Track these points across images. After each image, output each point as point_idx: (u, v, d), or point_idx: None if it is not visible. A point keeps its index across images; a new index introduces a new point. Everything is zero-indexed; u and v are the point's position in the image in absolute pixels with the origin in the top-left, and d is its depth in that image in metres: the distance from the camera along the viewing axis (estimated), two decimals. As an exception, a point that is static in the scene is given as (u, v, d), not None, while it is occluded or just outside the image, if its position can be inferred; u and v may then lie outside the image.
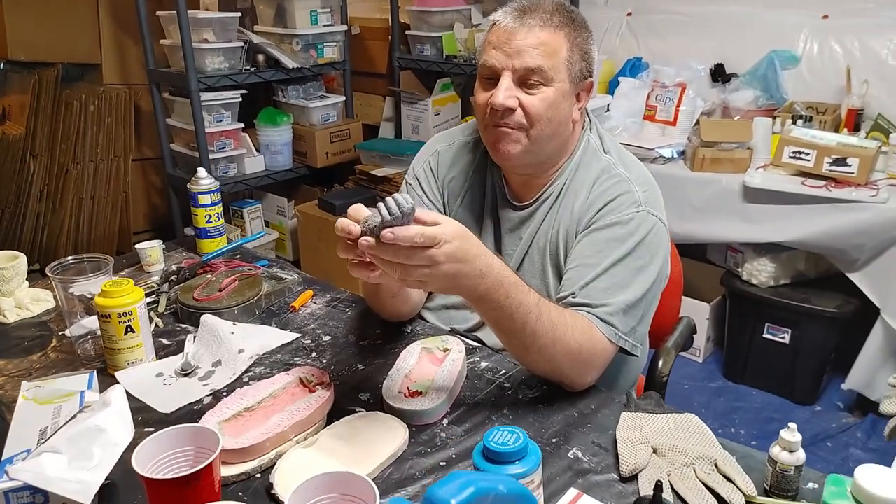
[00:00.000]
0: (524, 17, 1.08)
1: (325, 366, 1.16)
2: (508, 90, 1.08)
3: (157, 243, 1.52)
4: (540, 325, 0.99)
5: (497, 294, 0.94)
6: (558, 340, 1.01)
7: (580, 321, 1.04)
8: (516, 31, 1.07)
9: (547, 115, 1.09)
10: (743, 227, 2.22)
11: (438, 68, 3.19)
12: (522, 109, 1.09)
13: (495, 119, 1.10)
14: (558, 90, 1.09)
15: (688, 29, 2.86)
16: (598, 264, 1.09)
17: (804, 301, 2.24)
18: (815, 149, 2.12)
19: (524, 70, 1.07)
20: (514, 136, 1.10)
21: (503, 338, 1.03)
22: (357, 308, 1.35)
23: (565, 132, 1.15)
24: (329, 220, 2.97)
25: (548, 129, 1.11)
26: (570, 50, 1.09)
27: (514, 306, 0.96)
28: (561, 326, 1.01)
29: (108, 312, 1.08)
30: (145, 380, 1.10)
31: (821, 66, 2.60)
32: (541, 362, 1.04)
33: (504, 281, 0.95)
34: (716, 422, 2.28)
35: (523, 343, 1.01)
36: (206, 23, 2.83)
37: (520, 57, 1.07)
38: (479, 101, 1.12)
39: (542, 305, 1.00)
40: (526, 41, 1.06)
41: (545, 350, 1.01)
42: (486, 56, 1.10)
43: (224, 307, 1.28)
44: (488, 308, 0.96)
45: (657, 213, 1.14)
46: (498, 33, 1.09)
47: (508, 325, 0.98)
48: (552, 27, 1.08)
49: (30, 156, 3.05)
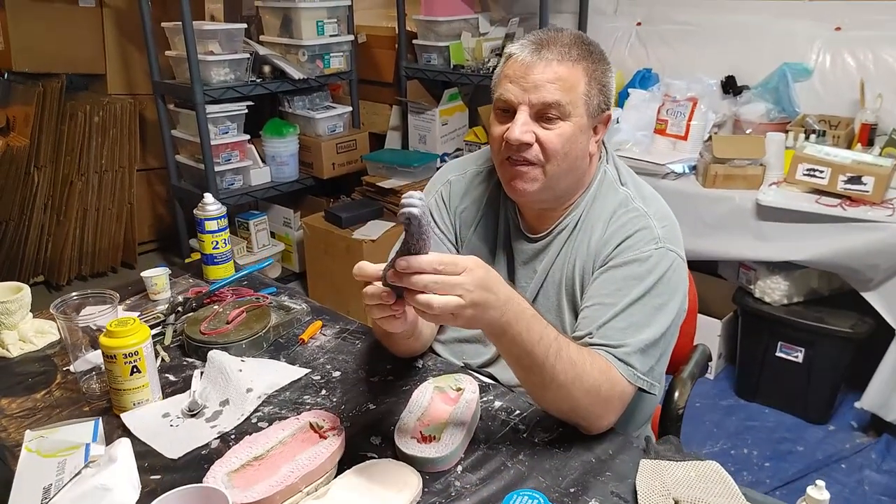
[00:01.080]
0: (541, 51, 1.05)
1: (336, 405, 1.13)
2: (525, 125, 1.05)
3: (164, 271, 1.49)
4: (559, 361, 0.96)
5: (518, 326, 0.92)
6: (577, 378, 0.98)
7: (599, 360, 1.02)
8: (533, 66, 1.04)
9: (563, 151, 1.07)
10: (756, 245, 2.19)
11: (446, 78, 3.16)
12: (539, 144, 1.06)
13: (511, 153, 1.07)
14: (576, 125, 1.07)
15: (698, 39, 2.82)
16: (615, 303, 1.06)
17: (818, 320, 2.21)
18: (829, 166, 2.09)
19: (541, 105, 1.04)
20: (532, 175, 1.08)
21: (521, 374, 1.01)
22: (367, 340, 1.32)
23: (582, 166, 1.13)
24: (335, 233, 2.94)
25: (564, 165, 1.08)
26: (587, 84, 1.07)
27: (534, 340, 0.94)
28: (580, 364, 0.98)
29: (114, 353, 1.05)
30: (151, 421, 1.08)
31: (833, 79, 2.56)
32: (559, 401, 1.01)
33: (525, 313, 0.93)
34: (728, 441, 2.25)
35: (542, 380, 0.98)
36: (211, 34, 2.80)
37: (537, 91, 1.04)
38: (495, 134, 1.09)
39: (561, 341, 0.98)
40: (543, 75, 1.04)
41: (564, 388, 0.98)
42: (502, 90, 1.07)
43: (232, 341, 1.25)
44: (509, 341, 0.94)
45: (676, 249, 1.11)
46: (514, 67, 1.06)
47: (528, 361, 0.96)
48: (570, 61, 1.05)
49: (34, 167, 3.03)
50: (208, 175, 2.85)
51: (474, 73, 3.03)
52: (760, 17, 2.69)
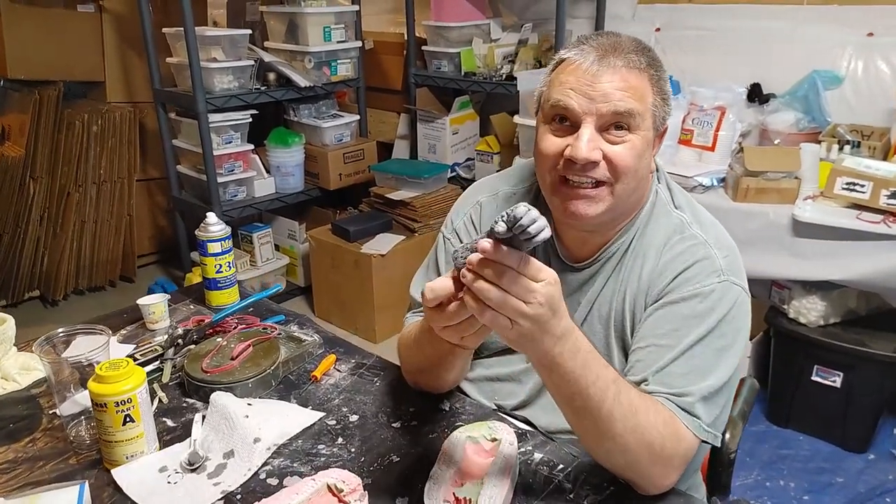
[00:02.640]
0: (608, 57, 0.92)
1: (354, 456, 1.00)
2: (592, 141, 0.92)
3: (162, 297, 1.37)
4: (618, 406, 0.84)
5: (574, 362, 0.80)
6: (638, 429, 0.85)
7: (663, 411, 0.89)
8: (601, 73, 0.92)
9: (634, 167, 0.94)
10: (792, 263, 2.06)
11: (456, 85, 3.06)
12: (607, 161, 0.93)
13: (570, 172, 0.94)
14: (644, 138, 0.94)
15: (720, 46, 2.70)
16: (674, 345, 0.93)
17: (858, 343, 2.08)
18: (871, 180, 1.96)
19: (611, 115, 0.92)
20: (599, 196, 0.95)
21: (573, 419, 0.88)
22: (386, 377, 1.20)
23: (645, 185, 1.01)
24: (343, 247, 2.82)
25: (633, 183, 0.96)
26: (654, 94, 0.95)
27: (590, 379, 0.82)
28: (643, 412, 0.86)
29: (104, 401, 0.93)
30: (147, 477, 0.95)
31: (866, 87, 2.44)
32: (615, 453, 0.89)
33: (582, 349, 0.81)
34: (762, 473, 2.11)
35: (597, 427, 0.85)
36: (214, 40, 2.69)
37: (607, 100, 0.91)
38: (548, 150, 0.96)
39: (620, 384, 0.86)
40: (612, 83, 0.91)
41: (621, 439, 0.85)
42: (562, 97, 0.93)
43: (237, 381, 1.13)
44: (560, 377, 0.82)
45: (740, 282, 0.99)
46: (577, 73, 0.93)
47: (581, 403, 0.83)
48: (638, 69, 0.93)
49: (29, 178, 2.92)
50: (210, 186, 2.73)
51: (486, 80, 2.92)
52: (786, 22, 2.57)
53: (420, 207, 2.87)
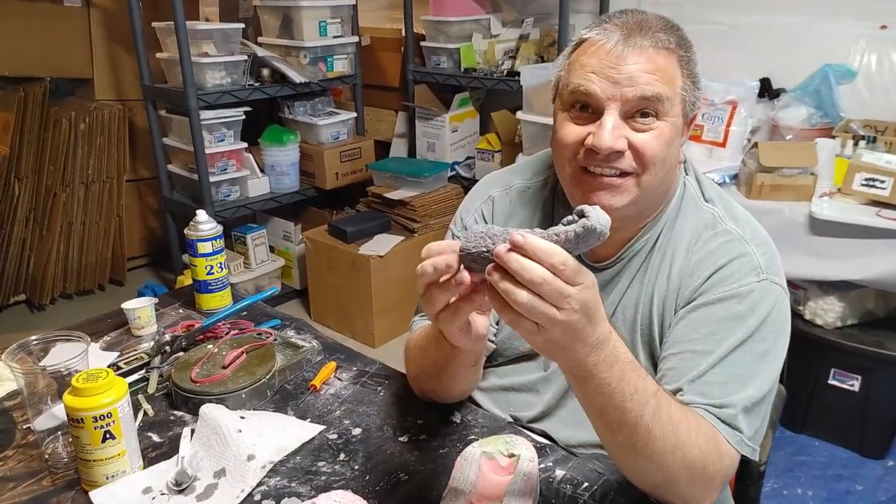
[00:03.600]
0: (633, 37, 0.84)
1: (358, 475, 0.91)
2: (616, 129, 0.84)
3: (149, 301, 1.27)
4: (657, 422, 0.75)
5: (609, 373, 0.71)
6: (679, 446, 0.77)
7: (704, 426, 0.81)
8: (626, 54, 0.83)
9: (662, 157, 0.86)
10: (809, 263, 1.98)
11: (456, 82, 2.98)
12: (633, 150, 0.85)
13: (592, 162, 0.86)
14: (673, 125, 0.86)
15: (730, 40, 2.63)
16: (711, 351, 0.85)
17: (877, 345, 2.00)
18: (891, 176, 1.89)
19: (638, 100, 0.83)
20: (624, 186, 0.86)
21: (606, 434, 0.79)
22: (391, 386, 1.11)
23: (673, 177, 0.92)
24: (340, 248, 2.73)
25: (661, 174, 0.87)
26: (684, 78, 0.86)
27: (627, 392, 0.73)
28: (684, 429, 0.78)
29: (81, 416, 0.84)
30: (129, 500, 0.86)
31: (880, 81, 2.37)
32: (652, 472, 0.80)
33: (619, 358, 0.73)
34: (779, 480, 2.03)
35: (633, 444, 0.76)
36: (206, 35, 2.60)
37: (633, 84, 0.83)
38: (570, 138, 0.87)
39: (661, 397, 0.77)
40: (639, 65, 0.83)
41: (660, 457, 0.77)
42: (582, 81, 0.85)
43: (229, 391, 1.04)
44: (594, 391, 0.73)
45: (780, 281, 0.91)
46: (599, 55, 0.85)
47: (617, 418, 0.75)
48: (666, 50, 0.85)
49: (14, 178, 2.81)
50: (202, 186, 2.64)
51: (486, 76, 2.83)
52: (797, 15, 2.50)
53: (419, 207, 2.79)
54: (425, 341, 0.94)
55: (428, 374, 0.99)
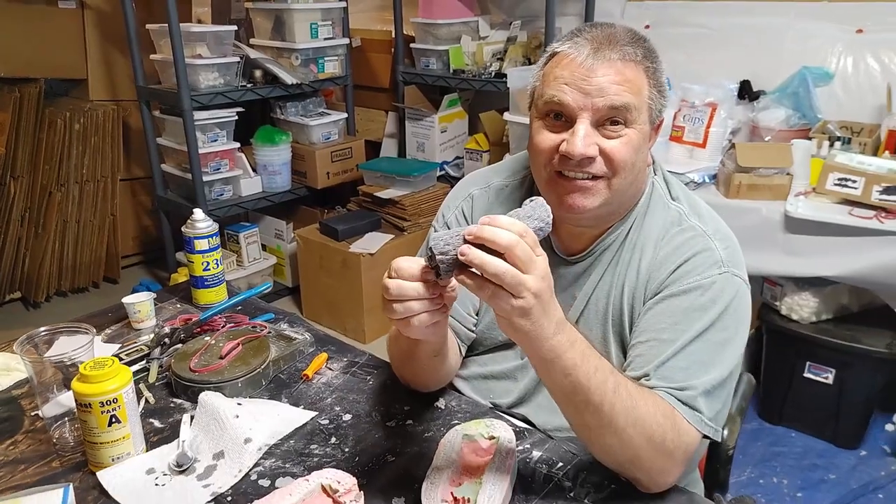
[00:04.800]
0: (602, 50, 0.90)
1: (348, 456, 0.97)
2: (588, 136, 0.90)
3: (148, 296, 1.33)
4: (618, 399, 0.82)
5: (571, 353, 0.78)
6: (639, 422, 0.83)
7: (662, 404, 0.87)
8: (596, 66, 0.89)
9: (631, 161, 0.92)
10: (785, 260, 2.05)
11: (445, 83, 3.04)
12: (603, 156, 0.92)
13: (566, 167, 0.92)
14: (640, 132, 0.93)
15: (710, 43, 2.70)
16: (675, 339, 0.91)
17: (851, 339, 2.08)
18: (863, 176, 1.96)
19: (607, 109, 0.90)
20: (595, 189, 0.93)
21: (574, 415, 0.86)
22: (379, 376, 1.17)
23: (641, 179, 0.99)
24: (331, 247, 2.79)
25: (629, 178, 0.94)
26: (650, 87, 0.93)
27: (590, 371, 0.80)
28: (642, 405, 0.84)
29: (89, 401, 0.89)
30: (133, 480, 0.92)
31: (856, 84, 2.45)
32: (617, 449, 0.86)
33: (578, 340, 0.80)
34: (755, 470, 2.10)
35: (598, 422, 0.83)
36: (199, 37, 2.65)
37: (602, 94, 0.89)
38: (545, 145, 0.94)
39: (617, 375, 0.84)
40: (608, 77, 0.89)
41: (624, 433, 0.83)
42: (556, 91, 0.91)
43: (226, 380, 1.09)
44: (559, 372, 0.79)
45: (741, 273, 0.97)
46: (571, 67, 0.91)
47: (583, 398, 0.81)
48: (634, 62, 0.91)
49: (10, 178, 2.85)
50: (196, 185, 2.69)
51: (475, 77, 2.89)
52: (776, 19, 2.58)
53: (409, 206, 2.85)
54: (395, 333, 1.00)
55: (402, 362, 1.06)
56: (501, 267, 0.70)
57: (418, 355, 0.98)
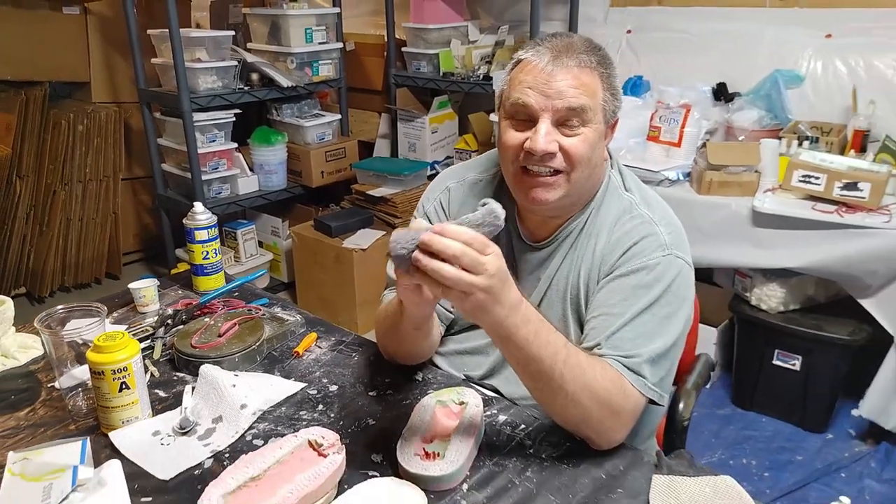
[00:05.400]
0: (561, 58, 1.02)
1: (333, 421, 1.09)
2: (549, 134, 1.02)
3: (152, 282, 1.44)
4: (567, 368, 0.93)
5: (525, 330, 0.90)
6: (587, 387, 0.95)
7: (610, 370, 0.98)
8: (555, 72, 1.01)
9: (587, 156, 1.04)
10: (753, 253, 2.17)
11: (435, 85, 3.14)
12: (563, 152, 1.03)
13: (530, 162, 1.04)
14: (595, 130, 1.04)
15: (689, 47, 2.81)
16: (623, 313, 1.03)
17: (816, 327, 2.19)
18: (825, 173, 2.08)
19: (566, 110, 1.01)
20: (556, 183, 1.05)
21: (529, 382, 0.97)
22: (364, 353, 1.28)
23: (599, 172, 1.11)
24: (325, 243, 2.90)
25: (587, 171, 1.06)
26: (604, 90, 1.04)
27: (541, 344, 0.91)
28: (590, 372, 0.96)
29: (102, 369, 1.01)
30: (141, 440, 1.03)
31: (825, 86, 2.56)
32: (569, 411, 0.98)
33: (532, 317, 0.91)
34: (726, 452, 2.22)
35: (550, 388, 0.95)
36: (198, 42, 2.76)
37: (561, 98, 1.01)
38: (510, 142, 1.06)
39: (569, 348, 0.95)
40: (566, 82, 1.01)
41: (573, 397, 0.95)
42: (521, 95, 1.03)
43: (224, 355, 1.21)
44: (515, 346, 0.91)
45: (683, 255, 1.09)
46: (534, 73, 1.03)
47: (535, 367, 0.93)
48: (589, 68, 1.03)
49: (16, 177, 2.96)
50: (195, 184, 2.80)
51: (464, 80, 3.00)
52: (751, 24, 2.69)
53: (400, 203, 2.96)
54: (391, 306, 1.12)
55: (389, 335, 1.17)
56: (452, 275, 0.81)
57: (402, 327, 1.09)
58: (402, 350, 1.18)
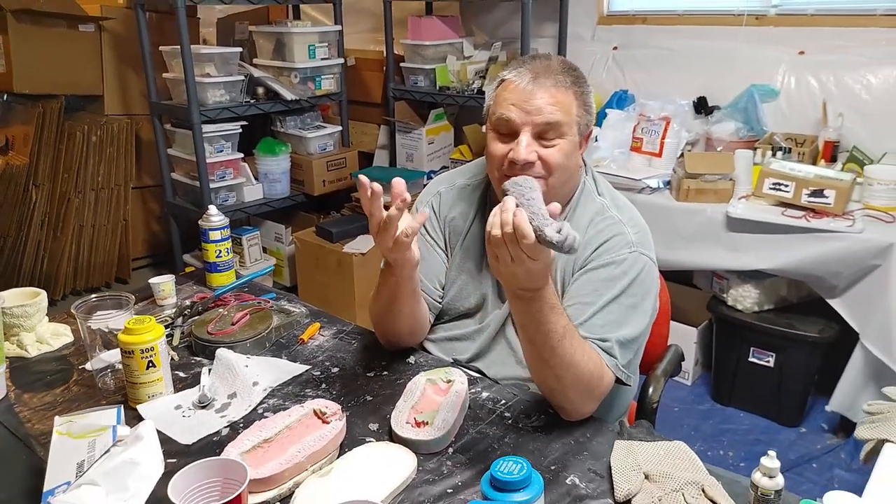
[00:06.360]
0: (539, 78, 1.17)
1: (335, 397, 1.23)
2: (529, 145, 1.16)
3: (170, 278, 1.58)
4: (561, 346, 1.06)
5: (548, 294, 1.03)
6: (575, 364, 1.08)
7: (594, 354, 1.13)
8: (534, 91, 1.16)
9: (563, 164, 1.19)
10: (727, 255, 2.31)
11: (432, 99, 3.28)
12: (541, 161, 1.18)
13: (513, 171, 1.18)
14: (571, 142, 1.19)
15: (671, 63, 2.97)
16: (594, 303, 1.17)
17: (787, 326, 2.33)
18: (793, 181, 2.22)
19: (544, 125, 1.16)
20: None
21: (528, 346, 1.11)
22: (362, 340, 1.42)
23: (574, 179, 1.25)
24: (326, 248, 3.04)
25: (564, 177, 1.21)
26: (578, 107, 1.19)
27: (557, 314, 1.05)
28: (579, 353, 1.09)
29: (132, 349, 1.14)
30: (165, 412, 1.17)
31: (798, 100, 2.70)
32: (552, 378, 1.11)
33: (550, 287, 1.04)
34: (705, 444, 2.35)
35: (542, 355, 1.08)
36: (207, 58, 2.91)
37: (540, 114, 1.16)
38: (496, 152, 1.20)
39: (569, 329, 1.08)
40: (544, 99, 1.16)
41: (561, 368, 1.08)
42: (504, 111, 1.18)
43: (237, 340, 1.35)
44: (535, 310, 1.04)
45: (648, 252, 1.23)
46: (516, 92, 1.18)
47: (542, 334, 1.06)
48: (564, 87, 1.18)
49: (32, 185, 3.11)
50: (203, 192, 2.94)
51: (459, 94, 3.15)
52: (730, 42, 2.84)
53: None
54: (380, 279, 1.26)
55: (381, 315, 1.30)
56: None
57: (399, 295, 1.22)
58: (395, 327, 1.31)
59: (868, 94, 2.52)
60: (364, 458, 1.04)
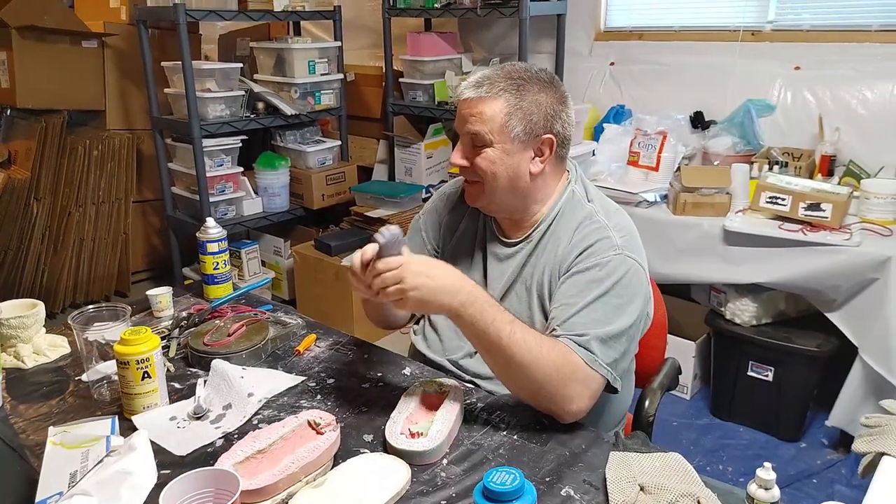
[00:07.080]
0: (475, 88, 1.23)
1: (330, 408, 1.22)
2: (459, 152, 1.27)
3: (167, 290, 1.59)
4: (514, 342, 1.10)
5: (472, 309, 1.11)
6: (535, 361, 1.11)
7: (558, 345, 1.14)
8: (469, 101, 1.24)
9: (491, 171, 1.24)
10: (724, 269, 2.32)
11: (430, 114, 3.31)
12: (473, 166, 1.25)
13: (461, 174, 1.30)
14: (500, 150, 1.23)
15: (668, 78, 2.99)
16: (577, 303, 1.18)
17: (786, 340, 2.33)
18: (790, 194, 2.23)
19: (468, 135, 1.24)
20: (475, 190, 1.29)
21: (485, 356, 1.17)
22: (358, 352, 1.42)
23: (522, 184, 1.26)
24: (325, 261, 3.05)
25: (501, 183, 1.25)
26: (507, 115, 1.21)
27: (488, 321, 1.11)
28: (536, 347, 1.11)
29: (127, 359, 1.15)
30: (160, 423, 1.17)
31: (795, 114, 2.72)
32: (521, 381, 1.13)
33: (478, 298, 1.12)
34: (704, 459, 2.34)
35: (502, 359, 1.12)
36: (208, 73, 2.94)
37: (465, 124, 1.24)
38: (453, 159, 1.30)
39: (516, 325, 1.12)
40: (469, 111, 1.23)
41: (523, 368, 1.11)
42: (455, 121, 1.28)
43: (233, 352, 1.35)
44: (466, 323, 1.12)
45: (635, 256, 1.24)
46: (461, 103, 1.25)
47: (486, 341, 1.12)
48: (490, 97, 1.21)
49: (33, 199, 3.12)
50: (203, 205, 2.96)
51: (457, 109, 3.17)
52: (726, 57, 2.86)
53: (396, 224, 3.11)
54: None
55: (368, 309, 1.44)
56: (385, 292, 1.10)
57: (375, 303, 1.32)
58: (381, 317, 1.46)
59: (864, 108, 2.54)
60: (358, 469, 1.04)
